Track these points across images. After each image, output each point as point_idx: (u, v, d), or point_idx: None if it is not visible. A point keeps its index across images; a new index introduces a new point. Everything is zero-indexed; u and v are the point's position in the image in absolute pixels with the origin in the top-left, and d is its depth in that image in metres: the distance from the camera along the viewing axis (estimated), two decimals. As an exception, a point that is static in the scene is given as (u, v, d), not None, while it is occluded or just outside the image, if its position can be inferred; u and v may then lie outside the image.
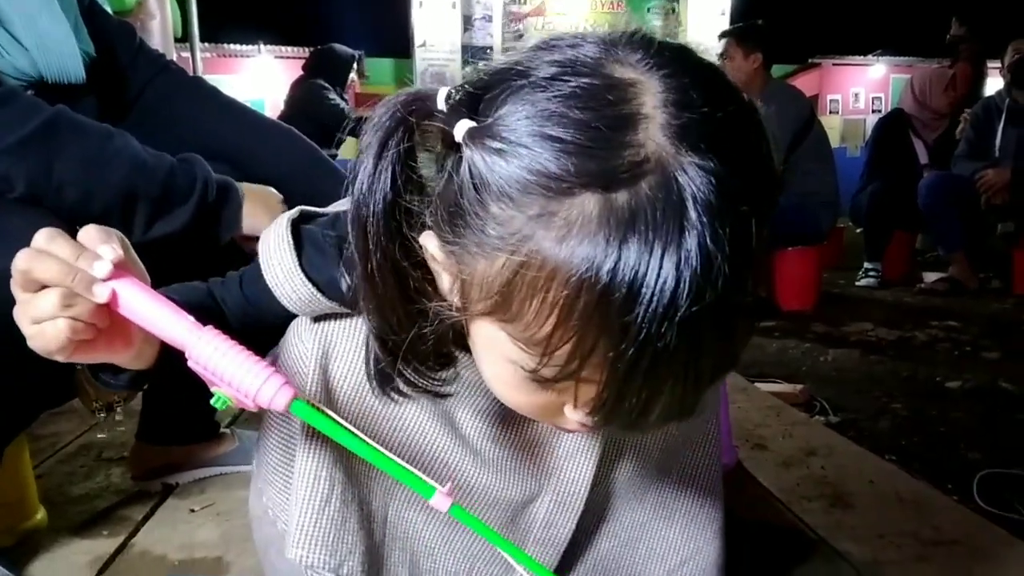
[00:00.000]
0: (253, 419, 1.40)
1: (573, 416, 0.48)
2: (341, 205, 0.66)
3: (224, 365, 0.49)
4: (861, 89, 10.43)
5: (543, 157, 0.41)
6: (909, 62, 9.73)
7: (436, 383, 0.59)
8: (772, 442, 1.39)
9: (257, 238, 1.04)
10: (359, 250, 0.51)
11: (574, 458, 0.67)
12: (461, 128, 0.45)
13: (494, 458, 0.66)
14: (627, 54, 0.43)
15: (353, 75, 4.58)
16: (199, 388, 0.52)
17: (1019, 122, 3.40)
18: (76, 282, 0.48)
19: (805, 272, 3.24)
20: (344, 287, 0.59)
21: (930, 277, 3.75)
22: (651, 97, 0.41)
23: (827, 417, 1.69)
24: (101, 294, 0.48)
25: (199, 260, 0.91)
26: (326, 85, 4.23)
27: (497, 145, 0.42)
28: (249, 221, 1.02)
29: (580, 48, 0.44)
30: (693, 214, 0.38)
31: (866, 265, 3.96)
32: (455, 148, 0.46)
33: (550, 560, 0.69)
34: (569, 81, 0.42)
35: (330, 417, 0.50)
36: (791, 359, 2.36)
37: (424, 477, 0.49)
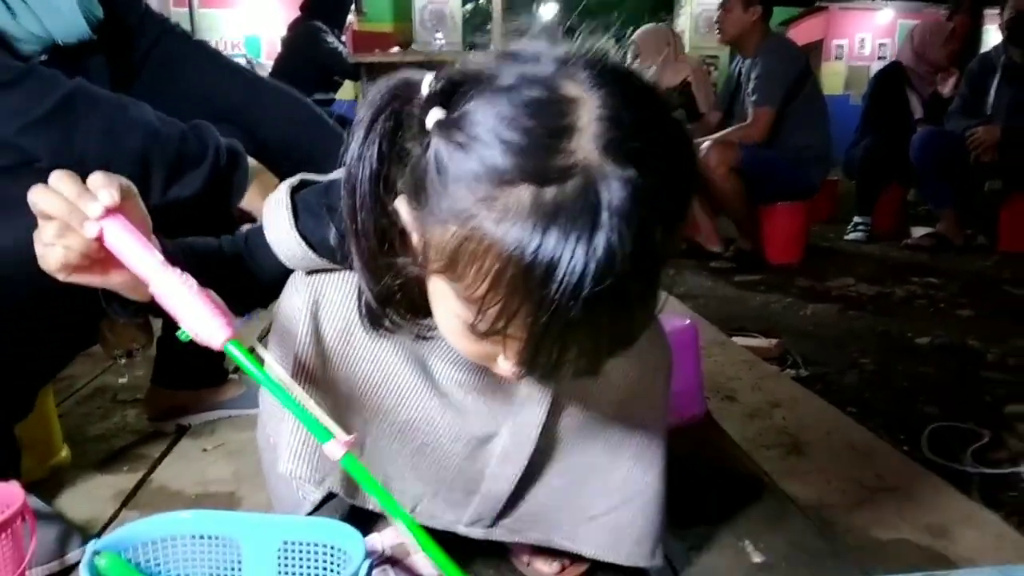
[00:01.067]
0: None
1: (504, 365, 0.58)
2: (337, 173, 0.75)
3: (176, 301, 0.60)
4: (868, 35, 10.24)
5: (493, 152, 0.50)
6: (917, 7, 9.53)
7: (417, 327, 0.69)
8: (741, 394, 1.50)
9: (253, 217, 1.12)
10: (348, 209, 0.62)
11: (528, 404, 0.77)
12: (432, 117, 0.55)
13: (459, 400, 0.78)
14: (576, 72, 0.52)
15: (351, 16, 4.54)
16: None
17: (1014, 80, 3.42)
18: (71, 217, 0.58)
19: (793, 226, 3.31)
20: (335, 243, 0.69)
21: (918, 232, 3.82)
22: (587, 112, 0.50)
23: (798, 371, 1.80)
24: (90, 230, 0.59)
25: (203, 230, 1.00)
26: (324, 27, 4.18)
27: (459, 137, 0.52)
28: (247, 199, 1.10)
29: (538, 64, 0.53)
30: (605, 215, 0.48)
31: (856, 219, 4.02)
32: (427, 132, 0.55)
33: (503, 491, 0.80)
34: (523, 91, 0.51)
35: (258, 360, 0.61)
36: (772, 313, 2.46)
37: (329, 424, 0.60)
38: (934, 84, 4.04)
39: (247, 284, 0.79)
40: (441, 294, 0.58)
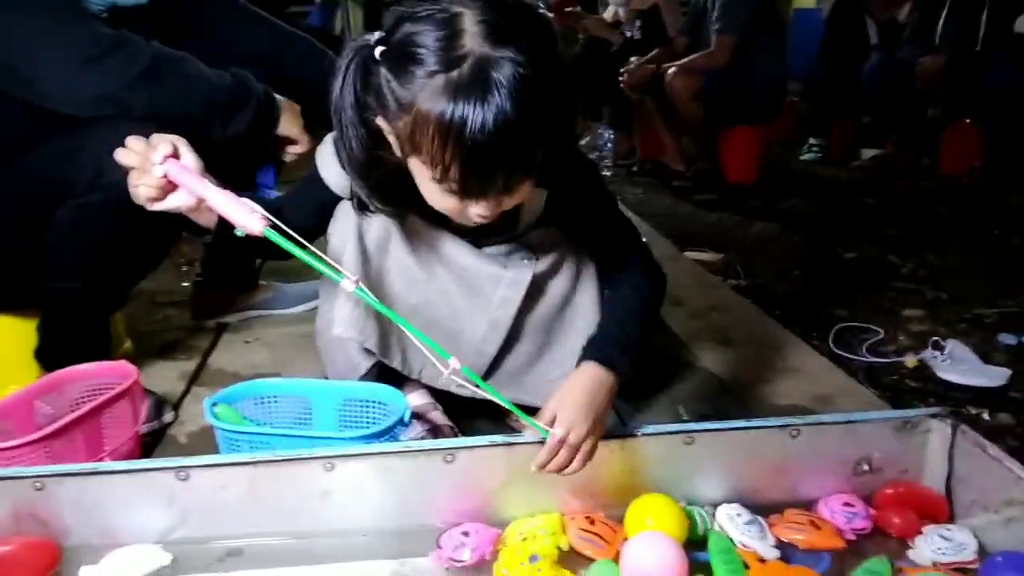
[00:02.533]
0: (286, 273, 1.75)
1: (472, 211, 0.87)
2: None
3: (225, 207, 0.85)
4: (842, -53, 10.23)
5: (417, 58, 0.79)
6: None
7: (394, 211, 1.00)
8: (686, 300, 1.79)
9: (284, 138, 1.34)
10: (336, 128, 0.91)
11: (502, 304, 1.08)
12: (378, 51, 0.83)
13: (456, 297, 1.08)
14: None
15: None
16: (243, 251, 0.89)
17: (959, 12, 3.64)
18: (142, 164, 0.86)
19: (749, 148, 3.54)
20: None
21: (868, 153, 4.10)
22: (469, 19, 0.78)
23: (738, 281, 2.11)
24: (156, 171, 0.86)
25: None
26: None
27: (395, 56, 0.81)
28: (281, 127, 1.34)
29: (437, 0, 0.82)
30: (494, 84, 0.76)
31: (810, 140, 4.28)
32: (378, 61, 0.83)
33: (484, 362, 1.11)
34: (429, 17, 0.80)
35: (291, 239, 0.84)
36: (723, 230, 2.76)
37: (341, 269, 0.84)
38: (891, 10, 4.24)
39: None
40: (417, 169, 0.86)
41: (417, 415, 1.12)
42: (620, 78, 3.63)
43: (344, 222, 1.04)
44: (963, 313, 1.90)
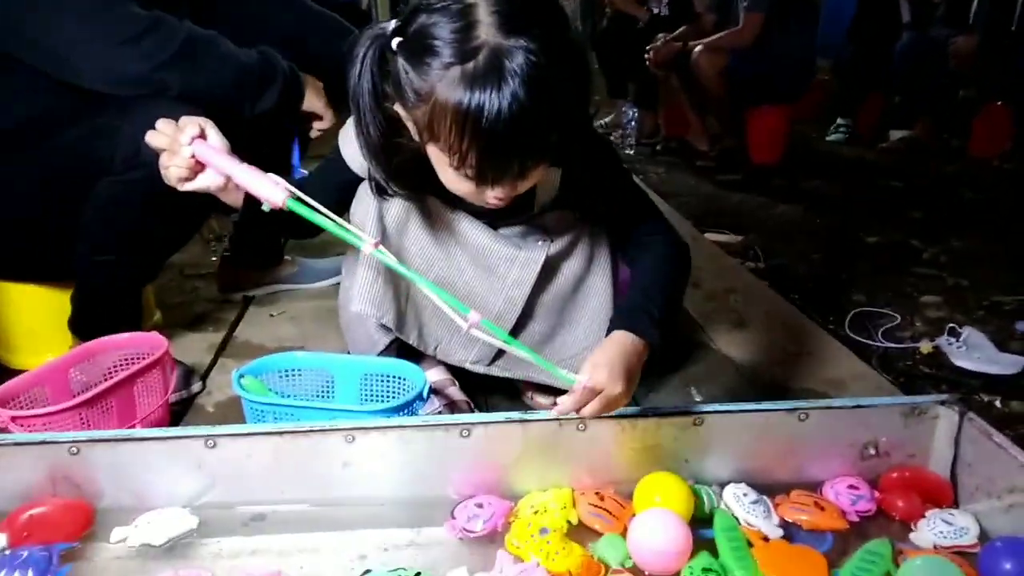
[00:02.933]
0: (311, 249, 1.79)
1: (489, 194, 0.90)
2: None
3: (248, 180, 0.89)
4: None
5: (434, 50, 0.81)
6: None
7: (411, 193, 1.03)
8: (704, 282, 1.81)
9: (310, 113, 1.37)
10: (355, 115, 0.94)
11: (516, 285, 1.11)
12: (395, 42, 0.86)
13: (470, 278, 1.11)
14: None
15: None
16: (270, 228, 0.93)
17: (995, -10, 3.57)
18: (172, 146, 0.91)
19: (775, 128, 3.52)
20: None
21: (897, 135, 4.04)
22: (483, 11, 0.80)
23: (757, 263, 2.11)
24: (185, 151, 0.91)
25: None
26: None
27: (411, 47, 0.84)
28: (306, 102, 1.37)
29: None
30: (508, 73, 0.78)
31: (838, 120, 4.23)
32: (395, 52, 0.86)
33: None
34: (444, 8, 0.82)
35: (312, 208, 0.87)
36: (746, 211, 2.75)
37: (360, 233, 0.87)
38: (925, -13, 4.15)
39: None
40: (435, 155, 0.88)
41: (435, 390, 1.15)
42: (646, 55, 3.60)
43: (365, 202, 1.07)
44: (982, 300, 1.90)
